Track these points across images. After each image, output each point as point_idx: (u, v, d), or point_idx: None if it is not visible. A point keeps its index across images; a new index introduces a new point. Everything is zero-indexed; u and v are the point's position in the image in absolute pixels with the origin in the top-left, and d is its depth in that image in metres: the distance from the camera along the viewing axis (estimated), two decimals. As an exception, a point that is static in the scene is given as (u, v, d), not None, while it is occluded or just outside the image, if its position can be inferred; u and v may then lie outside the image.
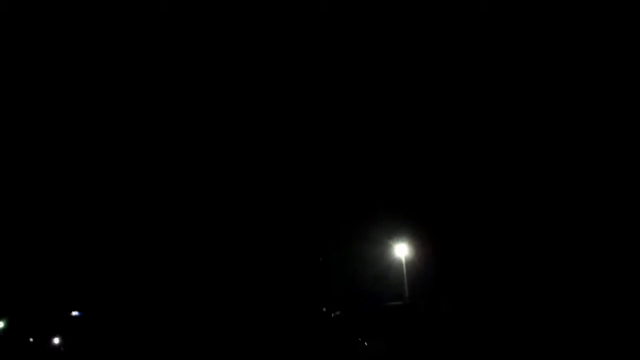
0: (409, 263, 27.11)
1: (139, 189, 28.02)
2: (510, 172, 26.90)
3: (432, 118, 27.76)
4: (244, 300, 26.85)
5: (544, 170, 26.23)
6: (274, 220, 27.85)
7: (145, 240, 27.64)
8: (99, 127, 28.21)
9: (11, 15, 26.14)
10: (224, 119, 28.01)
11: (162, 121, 28.15)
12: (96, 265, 27.64)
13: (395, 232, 27.60)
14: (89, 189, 28.31)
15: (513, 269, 25.73)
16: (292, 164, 28.15)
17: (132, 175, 27.94)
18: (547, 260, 24.86)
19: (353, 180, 28.45)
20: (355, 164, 28.58)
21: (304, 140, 28.15)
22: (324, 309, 25.54)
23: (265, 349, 22.43)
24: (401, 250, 27.20)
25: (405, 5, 26.71)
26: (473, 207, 27.58)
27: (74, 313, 28.74)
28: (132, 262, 27.65)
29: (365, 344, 22.30)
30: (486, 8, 25.55)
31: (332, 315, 24.92)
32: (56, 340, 28.85)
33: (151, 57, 27.73)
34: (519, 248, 26.18)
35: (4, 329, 29.91)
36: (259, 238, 27.83)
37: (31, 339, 29.08)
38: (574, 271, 23.84)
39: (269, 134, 28.11)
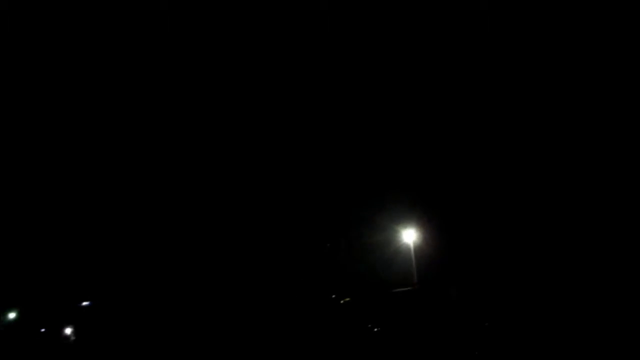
0: (417, 248, 27.11)
1: (143, 184, 28.08)
2: (516, 162, 26.86)
3: (440, 107, 27.66)
4: (252, 288, 26.93)
5: (549, 160, 26.20)
6: (281, 207, 27.85)
7: (152, 230, 27.69)
8: (99, 127, 28.24)
9: (11, 15, 26.15)
10: (226, 115, 28.00)
11: (161, 120, 28.17)
12: (106, 256, 27.74)
13: (403, 218, 27.58)
14: (97, 184, 28.39)
15: (519, 255, 25.75)
16: (299, 153, 28.14)
17: (137, 170, 27.99)
18: (553, 252, 24.86)
19: (360, 166, 28.39)
20: (363, 151, 28.52)
21: (310, 130, 28.12)
22: (333, 296, 25.56)
23: (274, 337, 22.54)
24: (409, 236, 27.19)
25: (405, 5, 26.51)
26: (480, 192, 27.51)
27: (84, 303, 28.92)
28: (140, 254, 27.73)
29: (375, 330, 22.37)
30: (486, 8, 25.38)
31: (342, 302, 24.96)
32: (67, 331, 29.05)
33: (151, 57, 27.69)
34: (526, 235, 26.17)
35: (15, 320, 30.16)
36: (266, 225, 27.85)
37: (42, 330, 29.28)
38: (577, 266, 23.89)
39: (274, 124, 28.08)
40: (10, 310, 30.08)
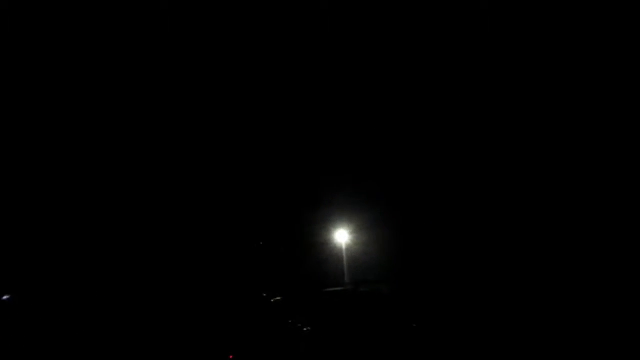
0: (349, 249, 27.37)
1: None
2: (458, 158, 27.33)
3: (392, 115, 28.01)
4: (182, 284, 26.51)
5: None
6: (212, 204, 27.58)
7: (81, 223, 26.87)
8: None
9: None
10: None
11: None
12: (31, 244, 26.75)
13: (336, 218, 27.78)
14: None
15: (457, 253, 26.30)
16: (235, 150, 27.97)
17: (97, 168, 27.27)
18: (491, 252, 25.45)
19: (295, 164, 28.39)
20: (302, 149, 28.56)
21: (250, 126, 28.03)
22: (264, 295, 25.46)
23: (203, 335, 22.23)
24: (341, 236, 27.44)
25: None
26: (417, 192, 27.93)
27: (4, 297, 27.64)
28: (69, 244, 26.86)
29: (305, 329, 22.42)
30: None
31: (272, 300, 24.89)
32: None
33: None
34: (464, 232, 26.71)
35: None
36: (198, 221, 27.50)
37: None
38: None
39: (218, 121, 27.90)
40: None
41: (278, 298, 24.82)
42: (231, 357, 20.27)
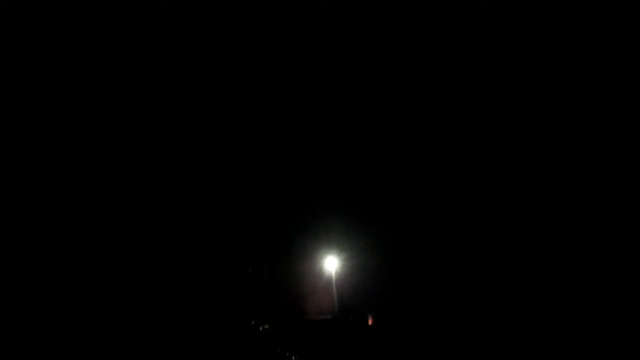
0: (339, 276, 27.19)
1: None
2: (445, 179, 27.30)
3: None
4: (171, 308, 26.24)
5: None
6: (203, 229, 27.43)
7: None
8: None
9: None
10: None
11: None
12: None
13: (326, 245, 27.65)
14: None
15: (446, 280, 26.19)
16: (229, 171, 27.92)
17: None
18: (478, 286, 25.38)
19: (284, 189, 28.34)
20: (292, 173, 28.49)
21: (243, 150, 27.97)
22: (252, 322, 25.26)
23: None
24: (331, 264, 27.26)
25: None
26: (406, 217, 27.87)
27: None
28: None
29: (293, 358, 22.28)
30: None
31: (261, 328, 24.71)
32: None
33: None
34: (451, 259, 26.63)
35: None
36: (189, 246, 27.32)
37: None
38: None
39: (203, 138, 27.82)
40: None
41: (266, 326, 24.65)
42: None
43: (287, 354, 22.17)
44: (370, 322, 24.43)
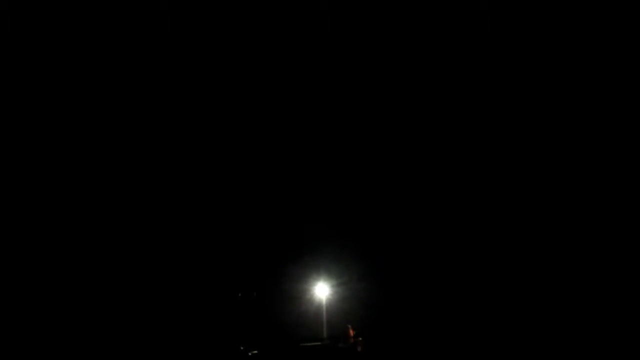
0: (329, 303, 27.17)
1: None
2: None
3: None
4: (160, 331, 26.12)
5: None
6: (193, 253, 27.43)
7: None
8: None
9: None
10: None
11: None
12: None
13: (316, 271, 27.67)
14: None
15: (436, 308, 26.14)
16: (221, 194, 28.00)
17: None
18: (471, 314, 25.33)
19: (276, 215, 28.40)
20: (282, 201, 28.58)
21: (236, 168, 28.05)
22: (241, 348, 25.12)
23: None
24: (321, 290, 27.27)
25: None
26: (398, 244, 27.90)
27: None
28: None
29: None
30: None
31: (250, 354, 24.57)
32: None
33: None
34: (442, 285, 26.60)
35: None
36: (180, 270, 27.29)
37: None
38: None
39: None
40: None
41: (255, 351, 24.50)
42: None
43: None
44: (359, 349, 24.31)
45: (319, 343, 25.04)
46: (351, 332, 24.75)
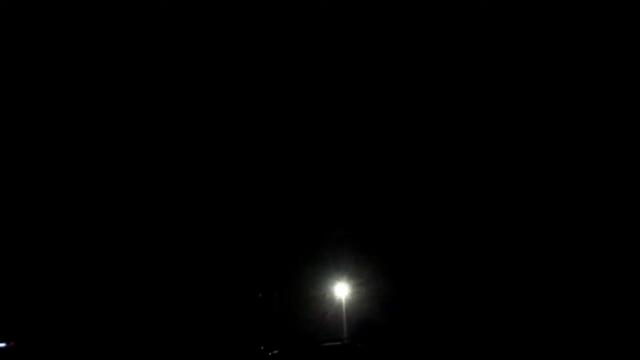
0: (349, 303, 27.20)
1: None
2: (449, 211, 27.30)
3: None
4: (180, 333, 26.31)
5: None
6: (213, 255, 27.58)
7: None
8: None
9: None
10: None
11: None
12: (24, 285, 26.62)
13: (336, 272, 27.70)
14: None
15: (452, 309, 26.10)
16: (237, 197, 28.09)
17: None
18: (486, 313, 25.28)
19: (296, 218, 28.46)
20: (300, 200, 28.61)
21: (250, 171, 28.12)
22: (262, 347, 25.21)
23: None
24: (341, 290, 27.31)
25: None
26: (416, 244, 27.83)
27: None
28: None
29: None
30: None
31: (270, 354, 24.64)
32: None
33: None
34: (458, 287, 26.54)
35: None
36: (200, 270, 27.46)
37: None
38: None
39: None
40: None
41: (275, 351, 24.58)
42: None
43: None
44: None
45: (339, 343, 25.04)
46: None
